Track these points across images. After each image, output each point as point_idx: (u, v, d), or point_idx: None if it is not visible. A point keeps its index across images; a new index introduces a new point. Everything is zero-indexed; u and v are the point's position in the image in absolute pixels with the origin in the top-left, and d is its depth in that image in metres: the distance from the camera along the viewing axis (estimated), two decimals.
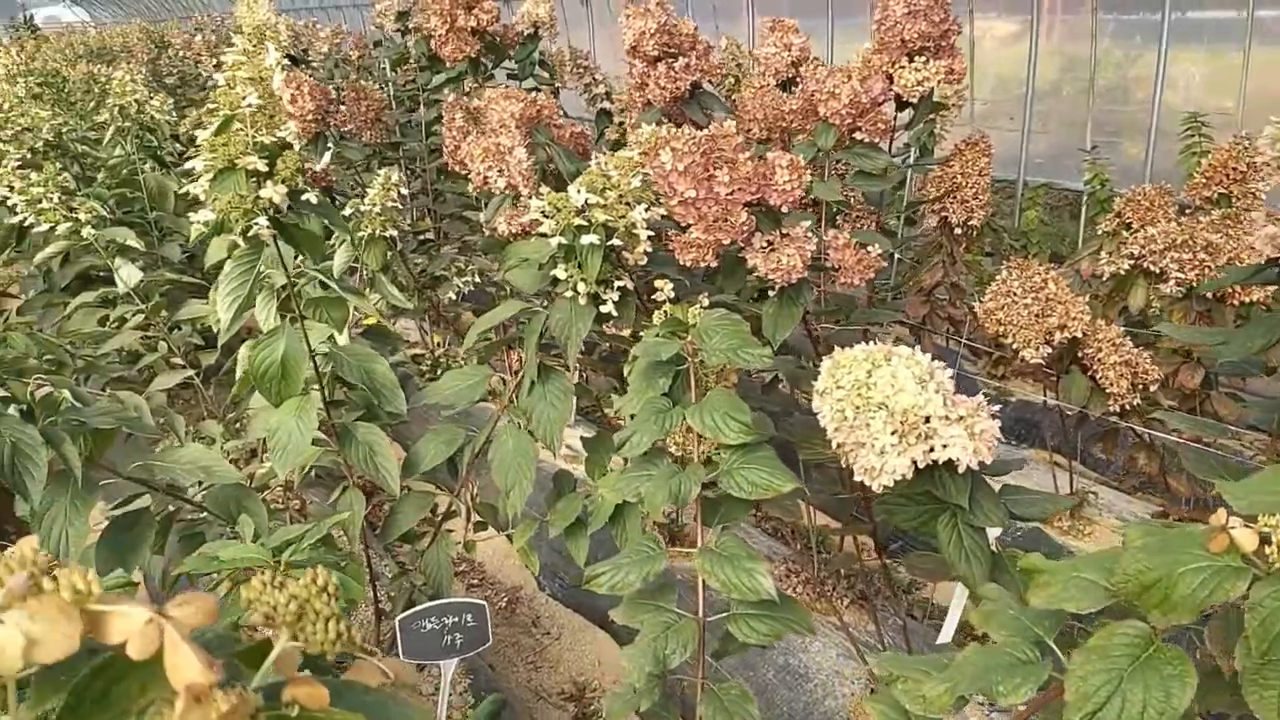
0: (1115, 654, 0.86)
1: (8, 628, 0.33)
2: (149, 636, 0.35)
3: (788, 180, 1.62)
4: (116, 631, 0.35)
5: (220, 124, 1.98)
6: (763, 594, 1.36)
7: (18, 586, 0.34)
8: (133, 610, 0.35)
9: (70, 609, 0.34)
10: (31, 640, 0.33)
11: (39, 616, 0.33)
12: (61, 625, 0.34)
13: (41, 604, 0.34)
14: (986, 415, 1.45)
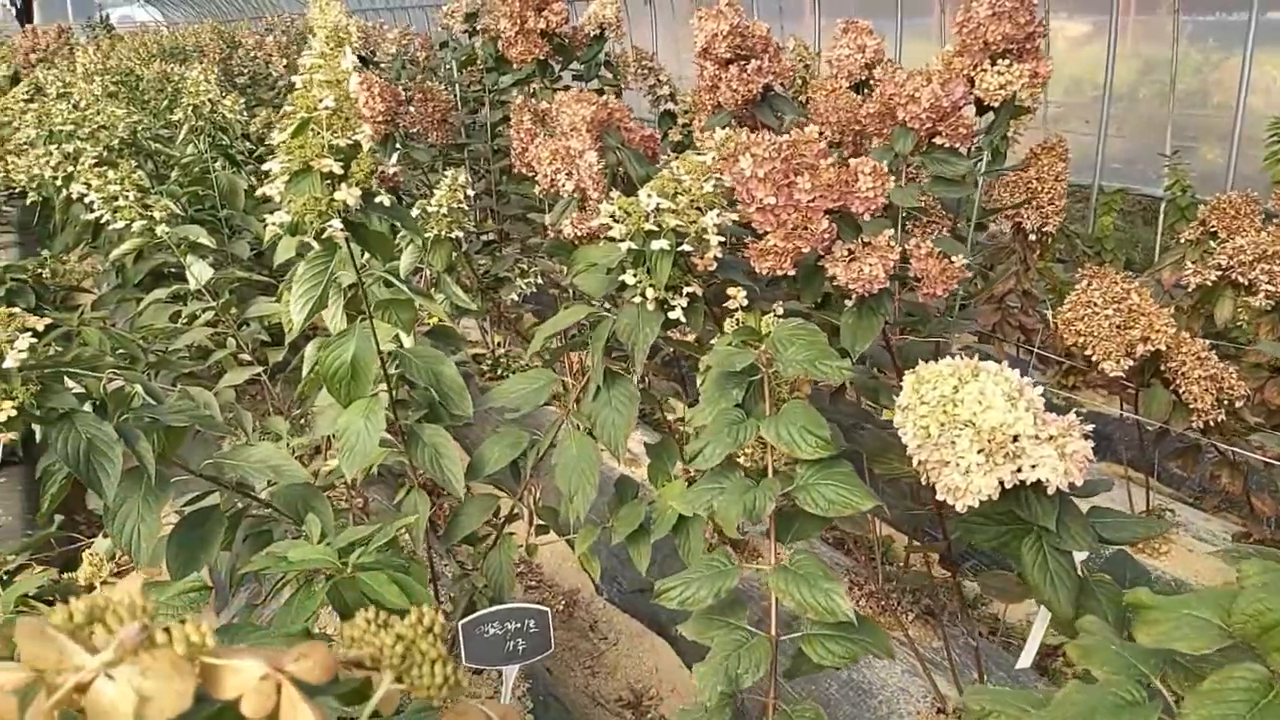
0: (1232, 698, 0.81)
1: (119, 684, 0.31)
2: (265, 694, 0.33)
3: (871, 187, 1.57)
4: (230, 687, 0.33)
5: (297, 126, 1.99)
6: (840, 615, 1.33)
7: (130, 639, 0.32)
8: (248, 664, 0.33)
9: (184, 664, 0.32)
10: (143, 698, 0.31)
11: (151, 672, 0.31)
12: (175, 682, 0.32)
13: (154, 659, 0.32)
14: (1078, 435, 1.39)
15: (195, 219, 4.41)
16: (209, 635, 0.33)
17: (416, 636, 0.45)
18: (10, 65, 7.95)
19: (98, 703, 0.31)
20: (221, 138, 5.19)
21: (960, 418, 1.36)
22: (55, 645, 0.32)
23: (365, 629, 0.45)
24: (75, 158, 4.13)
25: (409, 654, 0.44)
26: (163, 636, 0.33)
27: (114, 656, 0.31)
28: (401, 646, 0.44)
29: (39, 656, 0.31)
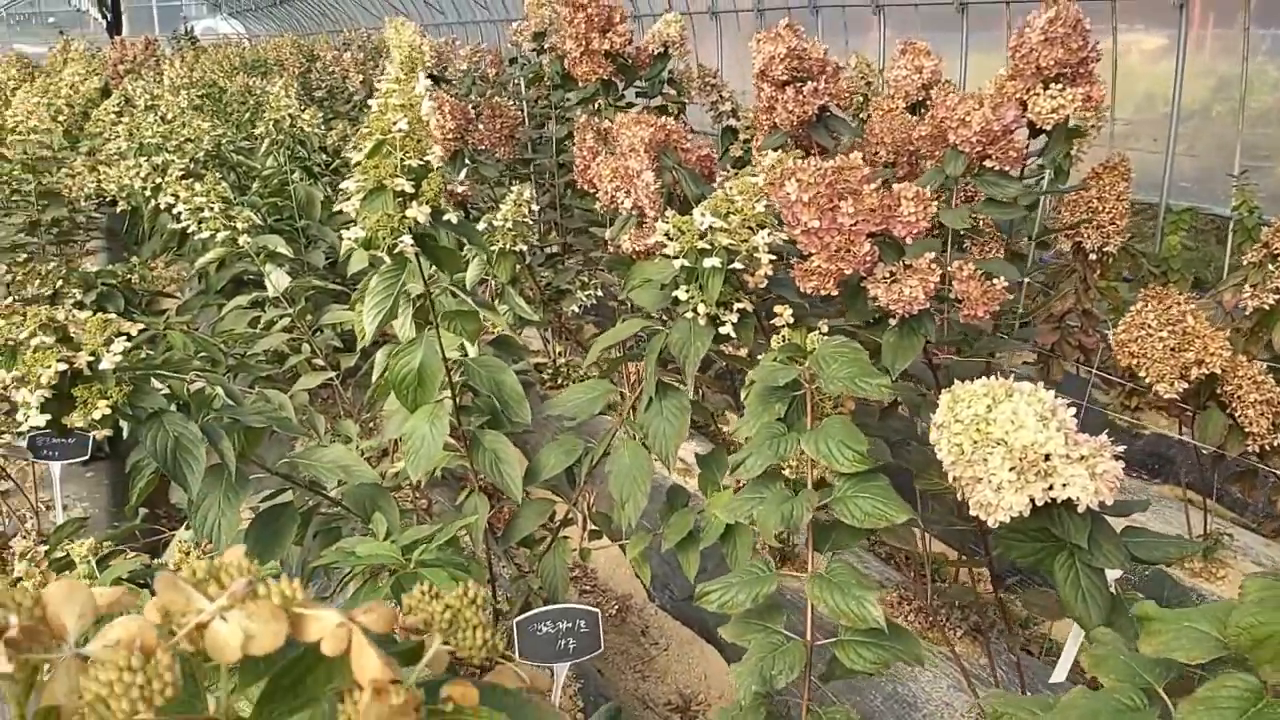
0: (1223, 705, 0.86)
1: (230, 624, 0.40)
2: (339, 637, 0.42)
3: (913, 212, 1.63)
4: (313, 631, 0.42)
5: (372, 147, 2.12)
6: (871, 622, 1.39)
7: (239, 590, 0.41)
8: (327, 614, 0.42)
9: (280, 611, 0.41)
10: (248, 635, 0.40)
11: (255, 616, 0.41)
12: (272, 625, 0.41)
13: (257, 606, 0.41)
14: (1109, 456, 1.43)
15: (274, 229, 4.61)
16: (299, 590, 0.42)
17: (463, 605, 0.54)
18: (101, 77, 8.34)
19: (215, 638, 0.40)
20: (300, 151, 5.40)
21: (993, 436, 1.41)
22: (184, 593, 0.41)
23: (420, 599, 0.54)
24: (163, 169, 4.36)
25: (455, 620, 0.53)
26: (263, 590, 0.42)
27: (228, 603, 0.40)
28: (450, 613, 0.53)
29: (171, 601, 0.41)
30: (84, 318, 2.02)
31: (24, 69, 7.69)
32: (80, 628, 0.38)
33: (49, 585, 0.38)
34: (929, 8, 6.18)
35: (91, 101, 6.74)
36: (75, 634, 0.37)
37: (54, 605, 0.37)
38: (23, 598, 0.37)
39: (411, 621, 0.53)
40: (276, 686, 0.44)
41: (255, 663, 0.44)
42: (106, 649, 0.37)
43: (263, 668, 0.44)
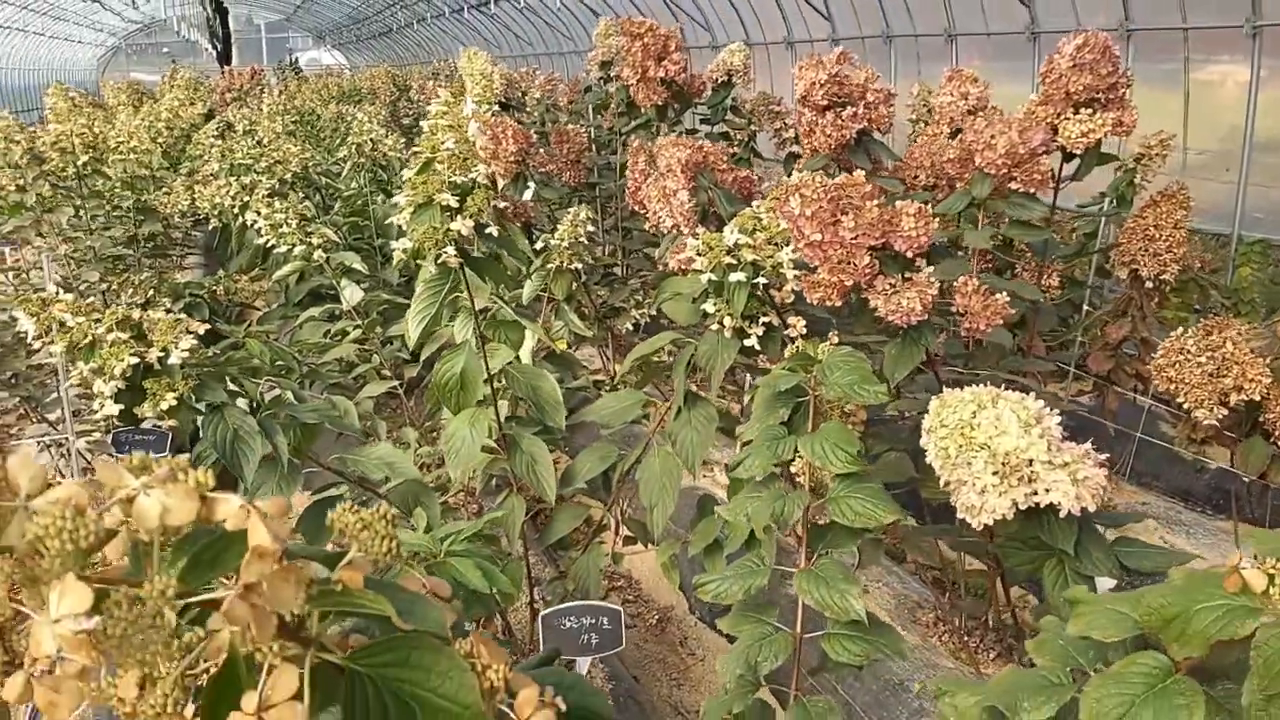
0: (1132, 680, 0.91)
1: (152, 498, 0.51)
2: (240, 517, 0.53)
3: (913, 227, 1.70)
4: (221, 512, 0.53)
5: (422, 165, 2.27)
6: (853, 614, 1.45)
7: (162, 474, 0.52)
8: (231, 499, 0.53)
9: (193, 492, 0.52)
10: (165, 508, 0.51)
11: (172, 494, 0.52)
12: (186, 502, 0.52)
13: (175, 487, 0.52)
14: (1092, 463, 1.47)
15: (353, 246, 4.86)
16: (210, 478, 0.53)
17: (374, 520, 0.64)
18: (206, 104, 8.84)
19: (139, 508, 0.51)
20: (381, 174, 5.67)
21: (976, 440, 1.46)
22: (118, 473, 0.52)
23: (342, 513, 0.65)
24: (251, 189, 4.64)
25: (368, 529, 0.63)
26: (182, 476, 0.53)
27: (149, 481, 0.52)
28: (361, 523, 0.63)
29: (108, 477, 0.52)
30: (157, 317, 2.21)
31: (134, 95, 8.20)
32: (31, 488, 0.49)
33: (9, 456, 0.50)
34: (1000, 36, 6.18)
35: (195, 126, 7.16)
36: (26, 492, 0.49)
37: (13, 471, 0.49)
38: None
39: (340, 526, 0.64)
40: (198, 561, 0.55)
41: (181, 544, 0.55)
42: (48, 503, 0.48)
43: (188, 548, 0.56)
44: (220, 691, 0.57)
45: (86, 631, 0.46)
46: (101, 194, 4.57)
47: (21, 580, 0.47)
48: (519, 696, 0.65)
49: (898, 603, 3.23)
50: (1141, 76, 5.52)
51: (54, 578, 0.47)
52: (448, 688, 0.63)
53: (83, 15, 24.14)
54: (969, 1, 6.30)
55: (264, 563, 0.51)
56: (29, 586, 0.47)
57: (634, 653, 3.26)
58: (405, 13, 20.10)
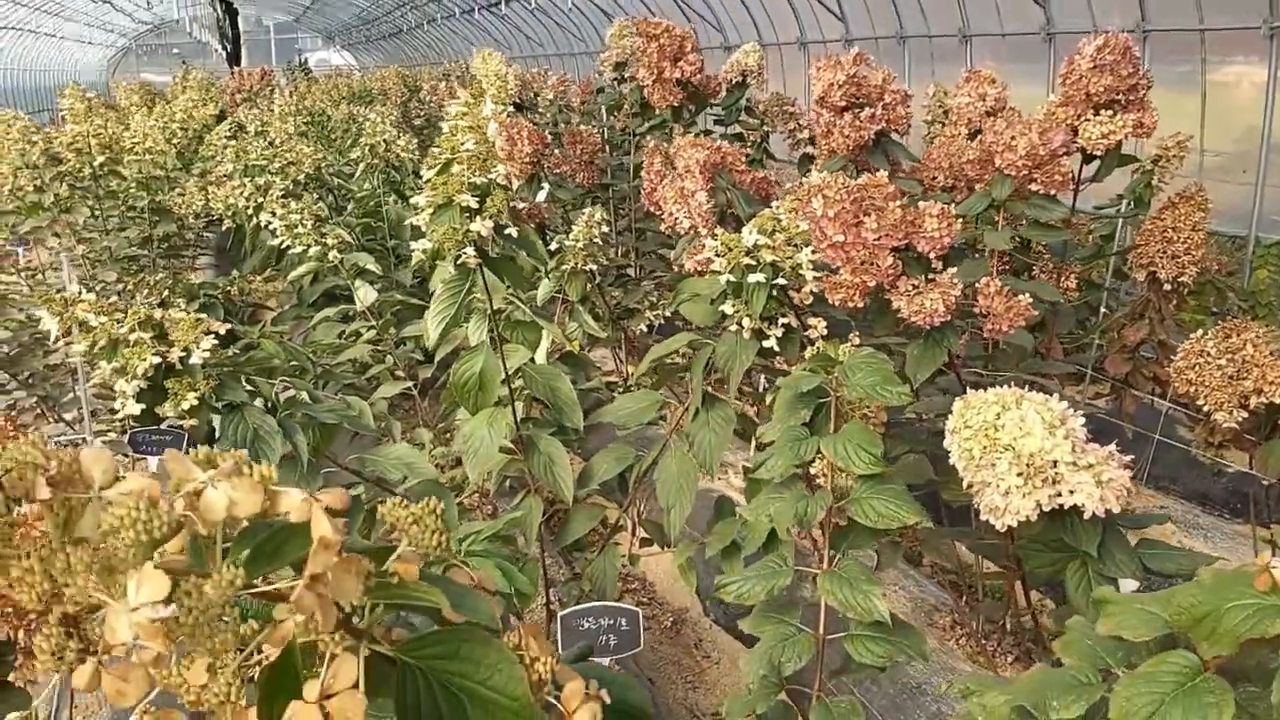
0: (1162, 679, 0.91)
1: (219, 491, 0.52)
2: (303, 509, 0.53)
3: (936, 228, 1.70)
4: (284, 505, 0.54)
5: (441, 166, 2.28)
6: (876, 615, 1.45)
7: (227, 468, 0.53)
8: (294, 492, 0.54)
9: (259, 486, 0.53)
10: (232, 500, 0.52)
11: (238, 487, 0.52)
12: (251, 495, 0.53)
13: (241, 481, 0.53)
14: (1116, 465, 1.47)
15: (366, 247, 4.87)
16: (274, 473, 0.54)
17: (424, 514, 0.65)
18: (218, 105, 8.87)
19: (207, 501, 0.52)
20: (394, 175, 5.68)
21: (1001, 442, 1.47)
22: (186, 467, 0.53)
23: (392, 508, 0.65)
24: (265, 190, 4.66)
25: (419, 523, 0.64)
26: (247, 471, 0.54)
27: (217, 475, 0.52)
28: (412, 517, 0.64)
29: (176, 471, 0.53)
30: (178, 317, 2.22)
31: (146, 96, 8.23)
32: (104, 480, 0.50)
33: (82, 450, 0.50)
34: (1015, 37, 6.17)
35: (206, 127, 7.19)
36: (100, 484, 0.50)
37: (86, 464, 0.50)
38: (62, 454, 0.49)
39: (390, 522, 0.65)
40: (260, 552, 0.56)
41: (244, 534, 0.56)
42: (121, 495, 0.49)
43: (249, 540, 0.56)
44: (277, 681, 0.58)
45: (162, 620, 0.47)
46: (116, 194, 4.60)
47: (99, 570, 0.48)
48: (565, 689, 0.66)
49: (914, 606, 3.23)
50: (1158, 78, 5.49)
51: (130, 567, 0.47)
52: (497, 680, 0.64)
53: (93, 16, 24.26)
54: (983, 2, 6.29)
55: (328, 554, 0.52)
56: (106, 576, 0.48)
57: (649, 655, 3.26)
58: (415, 14, 20.15)
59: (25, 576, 0.47)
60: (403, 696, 0.64)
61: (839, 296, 1.79)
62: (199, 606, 0.48)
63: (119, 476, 0.51)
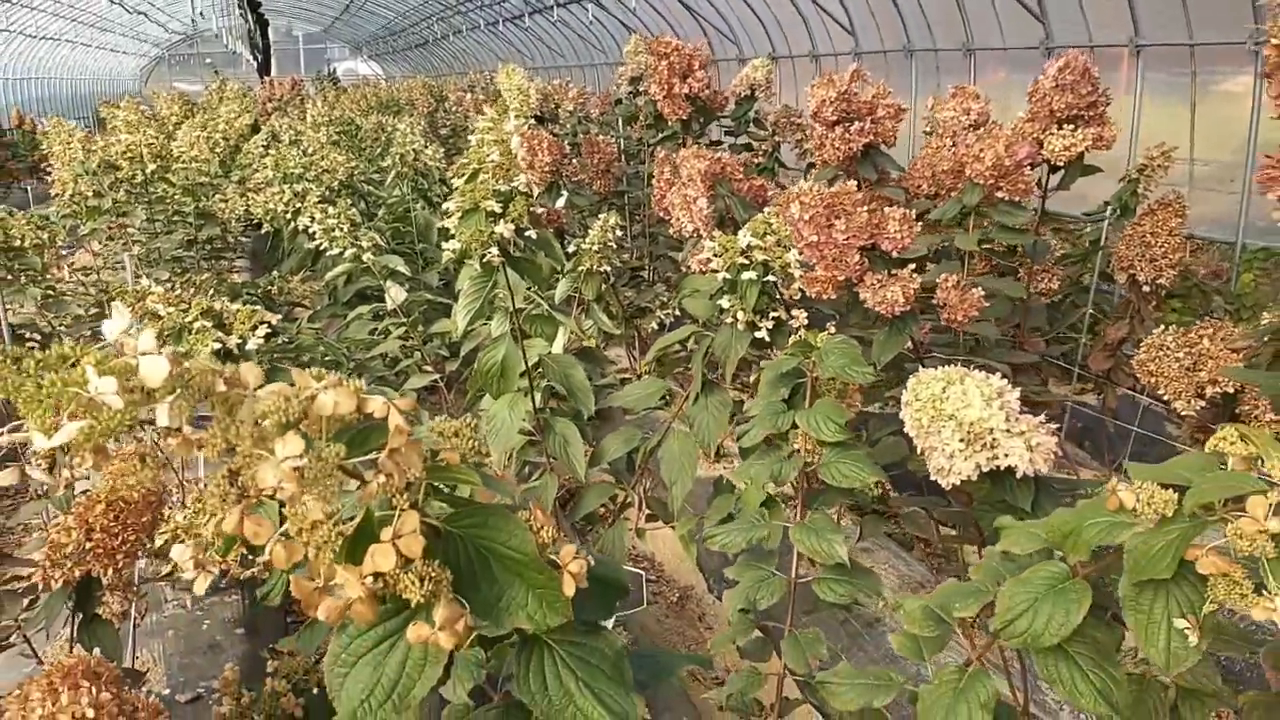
0: (1036, 582, 1.16)
1: (328, 395, 0.79)
2: (383, 409, 0.80)
3: (897, 230, 1.95)
4: (370, 406, 0.80)
5: (469, 175, 2.55)
6: (837, 559, 1.70)
7: (333, 380, 0.79)
8: (378, 397, 0.80)
9: (353, 392, 0.79)
10: (336, 401, 0.79)
11: (339, 393, 0.79)
12: (349, 398, 0.79)
13: (341, 390, 0.79)
14: (1044, 432, 1.71)
15: (396, 250, 5.16)
16: (363, 384, 0.81)
17: (463, 427, 0.91)
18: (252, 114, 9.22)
19: (320, 401, 0.79)
20: (422, 182, 5.97)
21: (945, 412, 1.71)
22: (306, 379, 0.80)
23: (438, 426, 0.92)
24: (302, 196, 4.95)
25: (459, 431, 0.90)
26: (346, 383, 0.80)
27: (327, 383, 0.79)
28: (454, 429, 0.90)
29: (300, 381, 0.79)
30: (235, 308, 2.50)
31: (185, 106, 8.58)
32: (255, 383, 0.76)
33: (242, 365, 0.77)
34: (1016, 51, 6.39)
35: (243, 136, 7.53)
36: (253, 386, 0.76)
37: (244, 373, 0.76)
38: (229, 370, 0.76)
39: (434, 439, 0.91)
40: (354, 440, 0.82)
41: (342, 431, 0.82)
42: (269, 393, 0.75)
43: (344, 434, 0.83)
44: (361, 531, 0.84)
45: (296, 469, 0.73)
46: (164, 199, 4.91)
47: (254, 440, 0.74)
48: (562, 551, 0.92)
49: (902, 582, 3.46)
50: (1151, 89, 5.73)
51: (275, 437, 0.74)
52: (514, 542, 0.90)
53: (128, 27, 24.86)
54: (986, 18, 6.52)
55: (401, 436, 0.78)
56: (260, 445, 0.74)
57: (655, 626, 3.51)
58: (441, 25, 20.55)
59: (210, 439, 0.74)
60: (446, 553, 0.90)
61: (815, 290, 2.04)
62: (318, 464, 0.75)
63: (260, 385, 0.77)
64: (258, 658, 2.97)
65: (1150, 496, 1.06)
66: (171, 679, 2.90)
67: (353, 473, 0.82)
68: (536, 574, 0.89)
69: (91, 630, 1.88)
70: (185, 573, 0.97)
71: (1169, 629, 1.05)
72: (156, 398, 0.70)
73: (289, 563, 0.79)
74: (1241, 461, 1.06)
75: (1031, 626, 1.13)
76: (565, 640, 0.96)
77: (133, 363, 0.69)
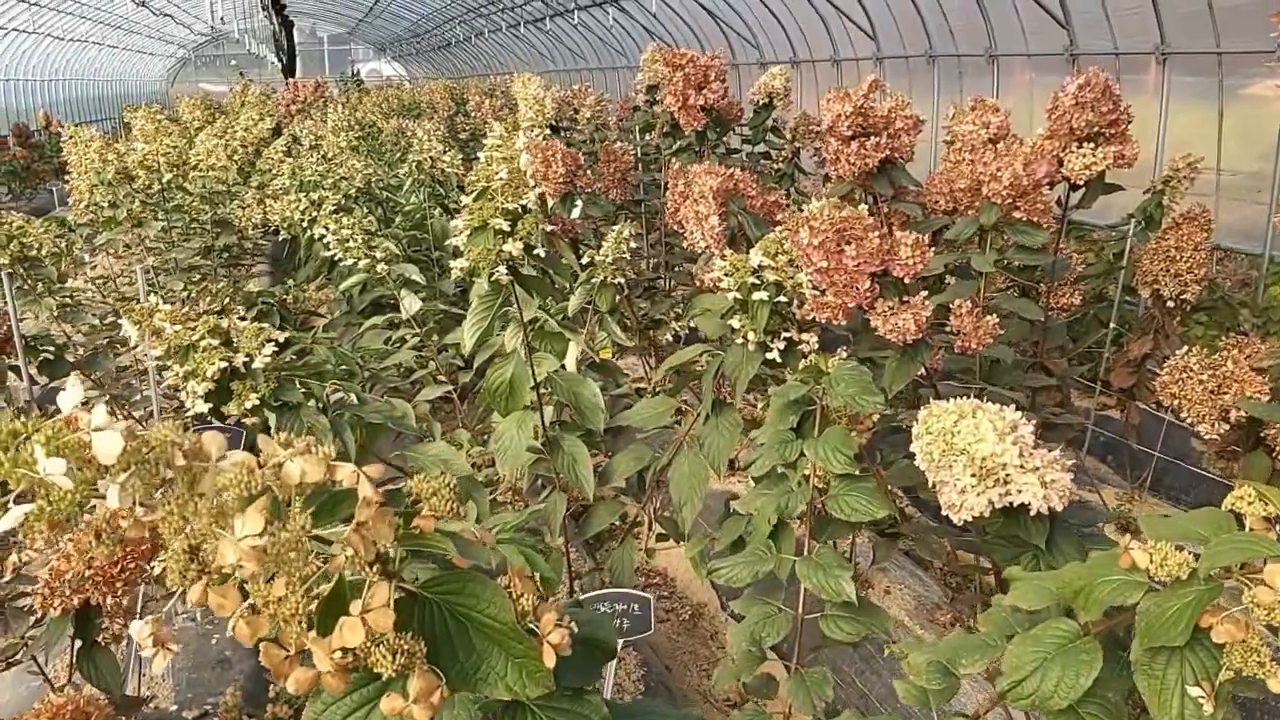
0: (1046, 641, 1.11)
1: (295, 464, 0.76)
2: (352, 477, 0.77)
3: (910, 256, 1.90)
4: (339, 475, 0.77)
5: (478, 192, 2.52)
6: (845, 596, 1.66)
7: (300, 448, 0.76)
8: (346, 465, 0.77)
9: (321, 461, 0.76)
10: (304, 470, 0.75)
11: (307, 461, 0.76)
12: (316, 466, 0.76)
13: (309, 457, 0.76)
14: (1060, 468, 1.66)
15: (412, 259, 5.15)
16: (333, 451, 0.77)
17: (441, 485, 0.88)
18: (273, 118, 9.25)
19: (285, 470, 0.76)
20: (439, 190, 5.97)
21: (957, 446, 1.66)
22: (271, 446, 0.77)
23: (419, 482, 0.89)
24: (319, 204, 4.95)
25: (437, 492, 0.87)
26: (314, 450, 0.77)
27: (293, 452, 0.76)
28: (431, 489, 0.87)
29: (266, 449, 0.76)
30: (243, 326, 2.49)
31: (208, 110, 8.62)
32: (217, 454, 0.73)
33: (204, 434, 0.74)
34: (1040, 57, 6.30)
35: (263, 141, 7.55)
36: (215, 456, 0.73)
37: (205, 442, 0.74)
38: (185, 437, 0.73)
39: (416, 493, 0.88)
40: (322, 508, 0.79)
41: (310, 498, 0.79)
42: (230, 464, 0.72)
43: (313, 500, 0.80)
44: (330, 602, 0.81)
45: (257, 548, 0.70)
46: (181, 208, 4.92)
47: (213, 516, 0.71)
48: (542, 619, 0.88)
49: (918, 603, 3.41)
50: (1177, 97, 5.63)
51: (236, 512, 0.71)
52: (492, 610, 0.86)
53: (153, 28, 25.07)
54: (1010, 24, 6.44)
55: (369, 508, 0.75)
56: (219, 520, 0.71)
57: (667, 644, 3.47)
58: (464, 28, 20.59)
59: (167, 518, 0.71)
60: (421, 620, 0.87)
61: (824, 316, 2.00)
62: (281, 541, 0.71)
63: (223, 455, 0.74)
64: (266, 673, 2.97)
65: (1164, 558, 1.01)
66: (179, 695, 2.89)
67: (323, 540, 0.79)
68: (516, 643, 0.86)
69: (91, 657, 1.86)
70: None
71: (1183, 696, 1.01)
72: (111, 475, 0.67)
73: (254, 638, 0.76)
74: (1260, 522, 1.01)
75: (1040, 688, 1.08)
76: (548, 705, 0.93)
77: (85, 438, 0.66)
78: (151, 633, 0.73)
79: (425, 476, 0.88)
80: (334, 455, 0.78)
